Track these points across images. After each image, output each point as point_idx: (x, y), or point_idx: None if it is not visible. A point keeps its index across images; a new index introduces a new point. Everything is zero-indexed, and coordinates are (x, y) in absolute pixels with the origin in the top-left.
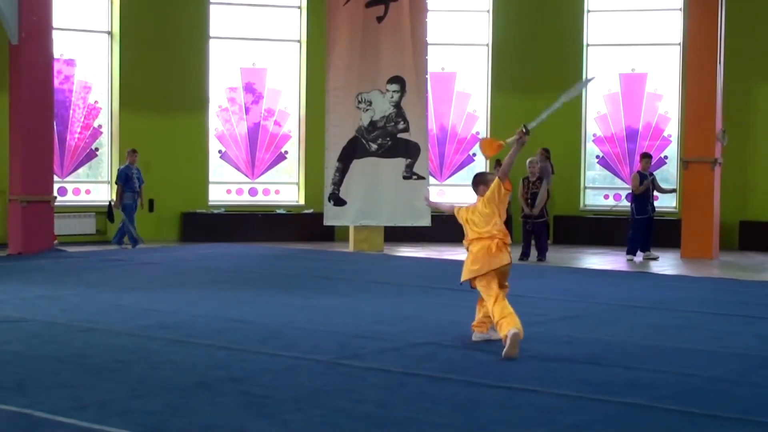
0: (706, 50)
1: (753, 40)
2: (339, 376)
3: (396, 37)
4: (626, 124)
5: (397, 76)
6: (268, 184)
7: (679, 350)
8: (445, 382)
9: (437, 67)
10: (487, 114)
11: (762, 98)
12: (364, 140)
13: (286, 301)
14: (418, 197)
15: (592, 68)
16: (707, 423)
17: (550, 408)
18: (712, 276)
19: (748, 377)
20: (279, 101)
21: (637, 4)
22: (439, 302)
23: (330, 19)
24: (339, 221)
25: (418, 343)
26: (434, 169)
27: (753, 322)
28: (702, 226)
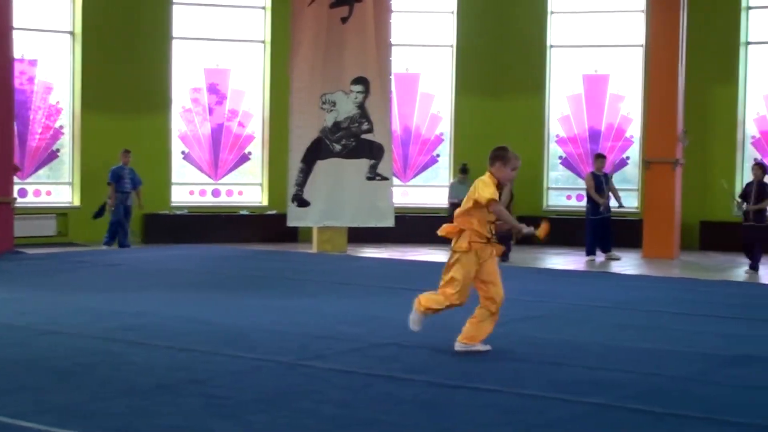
0: (668, 52)
1: (714, 42)
2: (302, 377)
3: (360, 38)
4: (589, 125)
5: (361, 77)
6: (231, 185)
7: (642, 350)
8: (409, 383)
9: (401, 68)
10: (451, 115)
11: (723, 100)
12: (327, 141)
13: (248, 302)
14: (382, 198)
15: (556, 70)
16: (671, 422)
17: (514, 408)
18: (674, 276)
19: (711, 376)
20: (243, 102)
21: (600, 6)
22: (402, 303)
23: (294, 20)
24: (302, 222)
25: (381, 344)
26: (398, 170)
27: (715, 321)
28: (663, 227)
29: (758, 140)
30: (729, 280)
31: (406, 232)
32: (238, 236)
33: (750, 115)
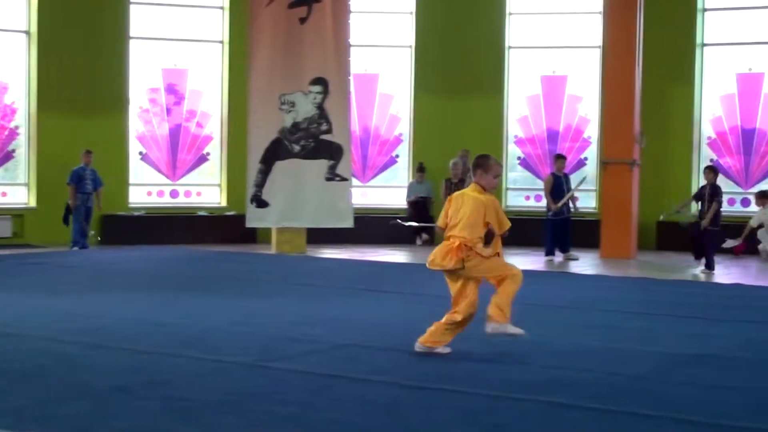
0: (625, 53)
1: (670, 44)
2: (262, 379)
3: (319, 39)
4: (547, 125)
5: (319, 78)
6: (189, 185)
7: (600, 349)
8: (369, 384)
9: (360, 69)
10: (410, 115)
11: (679, 101)
12: (286, 142)
13: (208, 303)
14: (341, 198)
15: (514, 71)
16: (628, 421)
17: (473, 408)
18: (631, 275)
19: (668, 375)
20: (201, 102)
21: (558, 7)
22: (362, 304)
23: (252, 20)
24: (261, 223)
25: (342, 345)
26: (357, 170)
27: (671, 320)
28: (621, 227)
29: (714, 141)
30: (685, 279)
31: (365, 233)
32: (197, 237)
33: (706, 116)
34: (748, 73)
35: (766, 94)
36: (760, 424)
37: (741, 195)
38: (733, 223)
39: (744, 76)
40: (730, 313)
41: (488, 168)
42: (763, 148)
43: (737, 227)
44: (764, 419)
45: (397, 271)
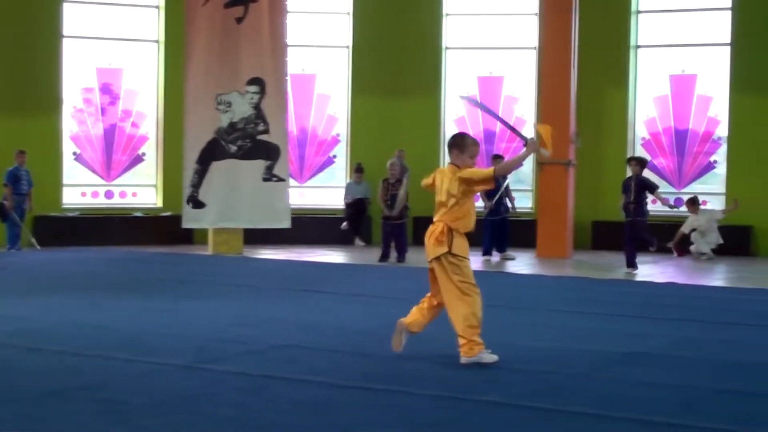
0: (561, 54)
1: (605, 46)
2: (198, 380)
3: (255, 39)
4: (484, 126)
5: (256, 78)
6: (124, 186)
7: (536, 348)
8: (307, 384)
9: (297, 69)
10: (347, 116)
11: (613, 101)
12: (223, 142)
13: (143, 305)
14: (278, 199)
15: (451, 71)
16: (564, 419)
17: (411, 408)
18: (567, 275)
19: (603, 373)
20: (136, 102)
21: (494, 9)
22: (299, 304)
23: (188, 20)
24: (198, 224)
25: (279, 346)
26: (294, 170)
27: (606, 319)
28: (557, 227)
29: (648, 141)
30: (620, 278)
31: (302, 233)
32: (132, 238)
33: (640, 117)
34: (681, 74)
35: (698, 95)
36: (690, 421)
37: (674, 195)
38: (667, 222)
39: (677, 77)
40: (664, 311)
41: (464, 148)
42: (696, 148)
43: (671, 227)
44: (695, 416)
45: (334, 272)
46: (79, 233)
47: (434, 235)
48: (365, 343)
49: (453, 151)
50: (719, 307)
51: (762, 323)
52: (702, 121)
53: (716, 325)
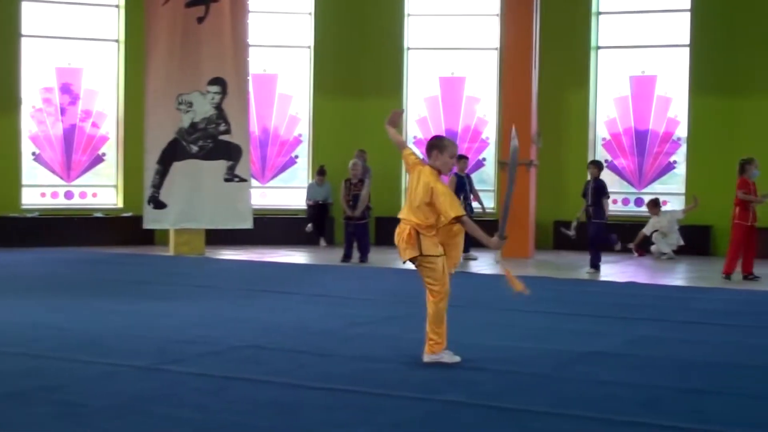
0: (522, 55)
1: (566, 46)
2: (158, 382)
3: (217, 38)
4: (446, 126)
5: (218, 78)
6: (85, 186)
7: (498, 347)
8: (268, 385)
9: (259, 69)
10: (309, 116)
11: (574, 102)
12: (184, 142)
13: (103, 306)
14: (240, 199)
15: (412, 72)
16: (524, 418)
17: (372, 408)
18: (528, 275)
19: (565, 372)
20: (96, 102)
21: (456, 9)
22: (261, 305)
23: (148, 19)
24: (159, 224)
25: (240, 347)
26: (256, 171)
27: (567, 318)
28: (518, 226)
29: (608, 142)
30: (581, 278)
31: (264, 234)
32: (93, 239)
33: (600, 117)
34: (641, 75)
35: (658, 96)
36: (652, 419)
37: (635, 195)
38: (628, 222)
39: (637, 78)
40: (624, 311)
41: (443, 148)
42: (656, 149)
43: (632, 227)
44: (654, 414)
45: (296, 272)
46: (39, 234)
47: (402, 238)
48: (327, 344)
49: (433, 152)
50: (679, 307)
51: (721, 322)
52: (662, 121)
53: (676, 324)
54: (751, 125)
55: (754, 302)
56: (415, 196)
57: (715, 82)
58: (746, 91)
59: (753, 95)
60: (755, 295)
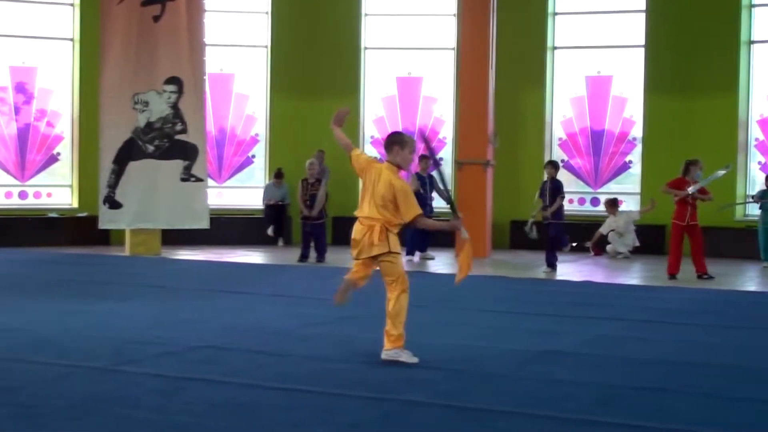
0: (479, 55)
1: (523, 47)
2: (115, 383)
3: (173, 37)
4: (403, 126)
5: (174, 77)
6: (39, 186)
7: (455, 347)
8: (225, 386)
9: (215, 68)
10: (266, 116)
11: (531, 102)
12: (140, 142)
13: (58, 307)
14: (197, 199)
15: (370, 72)
16: (480, 417)
17: (330, 408)
18: (485, 274)
19: (521, 371)
20: (51, 101)
21: (413, 9)
22: (218, 305)
23: (103, 18)
24: (115, 224)
25: (196, 347)
26: (213, 171)
27: (523, 317)
28: (475, 226)
29: (564, 142)
30: (537, 278)
31: (221, 234)
32: (48, 239)
33: (557, 117)
34: (596, 76)
35: (614, 96)
36: (608, 418)
37: (591, 195)
38: (584, 222)
39: (593, 78)
40: (580, 310)
41: (404, 144)
42: (612, 148)
43: (588, 227)
44: (610, 413)
45: (253, 272)
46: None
47: (374, 234)
48: (284, 344)
49: (393, 148)
50: (635, 305)
51: (677, 321)
52: (617, 121)
53: (632, 322)
54: (705, 125)
55: (708, 301)
56: (378, 195)
57: (670, 82)
58: (701, 91)
59: (707, 95)
60: (709, 294)
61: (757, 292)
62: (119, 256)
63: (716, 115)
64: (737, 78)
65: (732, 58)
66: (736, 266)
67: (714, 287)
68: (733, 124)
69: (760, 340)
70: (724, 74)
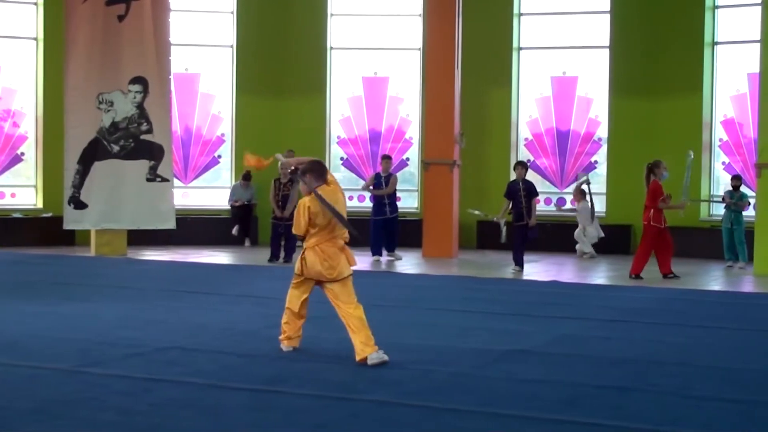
0: (445, 56)
1: (489, 47)
2: (81, 385)
3: (138, 37)
4: (369, 126)
5: (139, 77)
6: (3, 187)
7: (422, 346)
8: (191, 387)
9: (181, 68)
10: (231, 115)
11: (497, 103)
12: (105, 142)
13: (24, 308)
14: (162, 199)
15: (336, 72)
16: (448, 416)
17: (296, 409)
18: (452, 274)
19: (486, 371)
20: (15, 101)
21: (378, 10)
22: (185, 306)
23: (68, 17)
24: (80, 225)
25: (163, 348)
26: (179, 171)
27: (489, 317)
28: (442, 226)
29: (530, 142)
30: (504, 277)
31: (187, 234)
32: (12, 240)
33: (523, 118)
34: (562, 76)
35: (579, 96)
36: (574, 417)
37: (557, 195)
38: (549, 222)
39: (558, 79)
40: (546, 309)
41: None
42: (577, 149)
43: (554, 226)
44: (575, 411)
45: (219, 273)
46: None
47: (345, 254)
48: (251, 345)
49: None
50: (600, 305)
51: (641, 320)
52: (583, 122)
53: (597, 322)
54: (669, 125)
55: (672, 300)
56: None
57: (635, 83)
58: (665, 91)
59: (672, 96)
60: (674, 294)
61: (721, 292)
62: (84, 257)
63: (680, 115)
64: (701, 79)
65: (696, 59)
66: (700, 266)
67: (679, 287)
68: (697, 125)
69: (724, 339)
70: (688, 75)
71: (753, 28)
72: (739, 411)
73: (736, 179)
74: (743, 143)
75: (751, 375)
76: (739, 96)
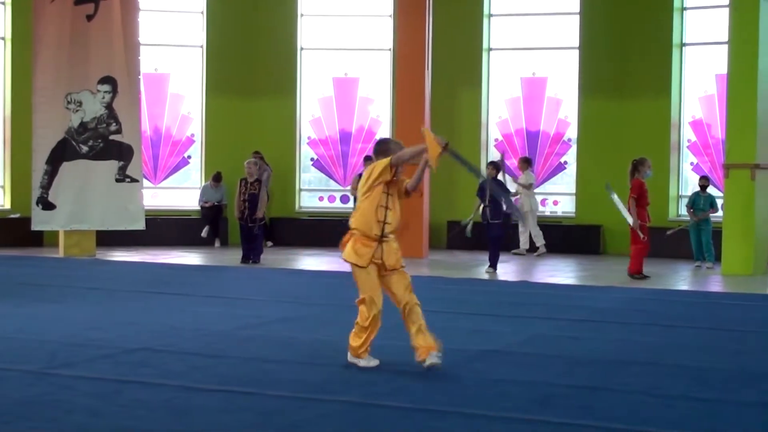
0: (415, 56)
1: (459, 48)
2: (49, 386)
3: (107, 37)
4: (340, 127)
5: (108, 77)
6: None
7: (393, 347)
8: (161, 388)
9: (150, 68)
10: (201, 116)
11: (467, 103)
12: (74, 142)
13: None
14: (132, 200)
15: (306, 72)
16: (420, 417)
17: (269, 410)
18: (422, 274)
19: (459, 371)
20: None
21: (349, 10)
22: (153, 307)
23: (36, 16)
24: (48, 225)
25: (132, 349)
26: (148, 171)
27: (461, 317)
28: (413, 227)
29: (501, 143)
30: (474, 277)
31: (157, 235)
32: None
33: (492, 118)
34: (532, 77)
35: (549, 97)
36: (546, 416)
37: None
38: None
39: (528, 80)
40: (517, 309)
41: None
42: (547, 149)
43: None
44: (548, 411)
45: (189, 273)
46: None
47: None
48: (222, 345)
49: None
50: (570, 305)
51: (611, 320)
52: (553, 122)
53: (568, 322)
54: (638, 126)
55: (642, 300)
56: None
57: (604, 84)
58: (634, 92)
59: (640, 97)
60: (643, 293)
61: (690, 291)
62: (53, 258)
63: (649, 116)
64: (670, 80)
65: (664, 61)
66: (669, 266)
67: (648, 287)
68: (666, 126)
69: (694, 339)
70: (656, 76)
71: (721, 29)
72: (708, 410)
73: (704, 180)
74: (711, 144)
75: (719, 374)
76: (707, 97)
